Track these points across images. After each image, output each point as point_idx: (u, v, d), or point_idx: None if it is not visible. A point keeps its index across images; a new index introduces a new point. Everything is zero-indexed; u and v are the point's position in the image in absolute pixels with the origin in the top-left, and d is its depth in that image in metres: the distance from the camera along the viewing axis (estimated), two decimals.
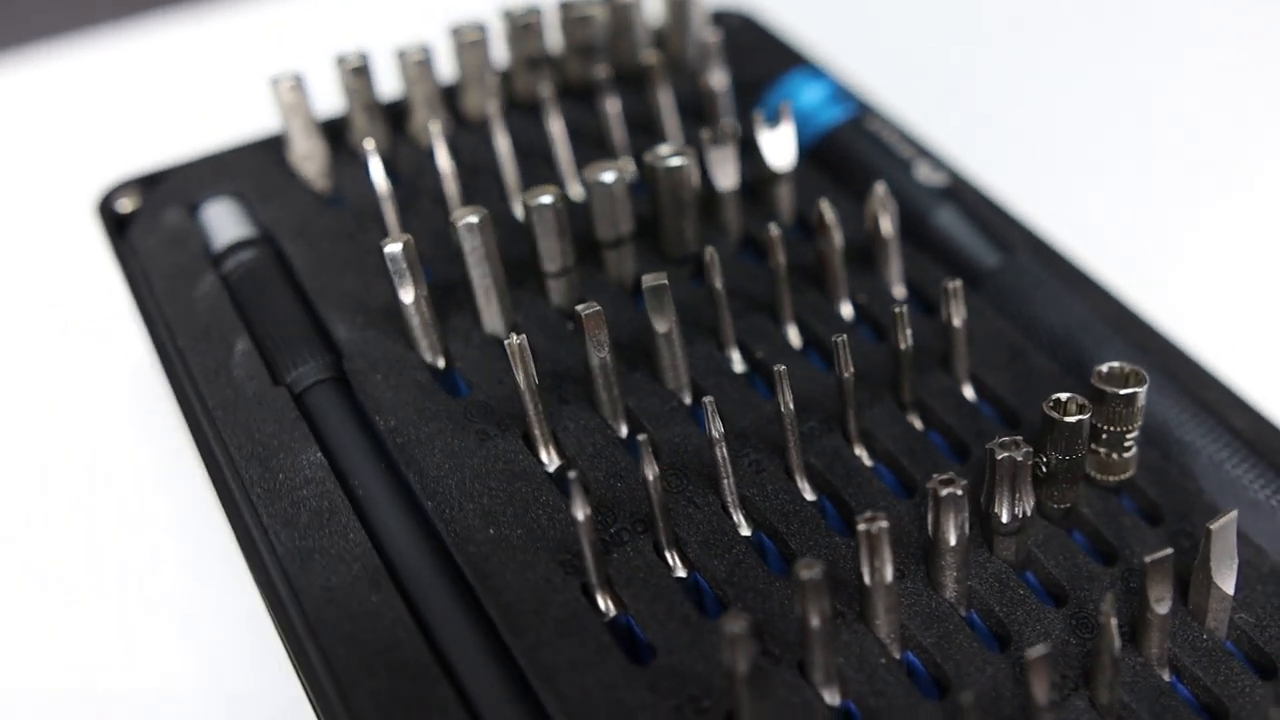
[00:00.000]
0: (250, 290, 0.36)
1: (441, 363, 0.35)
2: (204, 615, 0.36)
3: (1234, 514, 0.30)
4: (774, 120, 0.40)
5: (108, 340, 0.45)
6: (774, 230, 0.35)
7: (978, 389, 0.36)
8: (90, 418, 0.42)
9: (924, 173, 0.41)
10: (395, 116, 0.43)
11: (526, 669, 0.28)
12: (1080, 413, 0.31)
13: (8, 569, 0.37)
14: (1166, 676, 0.30)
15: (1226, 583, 0.30)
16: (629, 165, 0.41)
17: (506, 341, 0.31)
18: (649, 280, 0.33)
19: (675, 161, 0.37)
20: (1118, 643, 0.28)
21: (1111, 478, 0.33)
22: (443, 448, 0.33)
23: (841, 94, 0.45)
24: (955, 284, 0.35)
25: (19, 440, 0.41)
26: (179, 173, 0.40)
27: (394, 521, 0.31)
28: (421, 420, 0.33)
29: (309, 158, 0.40)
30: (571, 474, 0.29)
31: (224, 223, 0.38)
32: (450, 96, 0.43)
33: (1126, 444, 0.32)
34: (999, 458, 0.30)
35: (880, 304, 0.38)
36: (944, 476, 0.29)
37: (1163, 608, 0.29)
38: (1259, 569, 0.32)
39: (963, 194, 0.41)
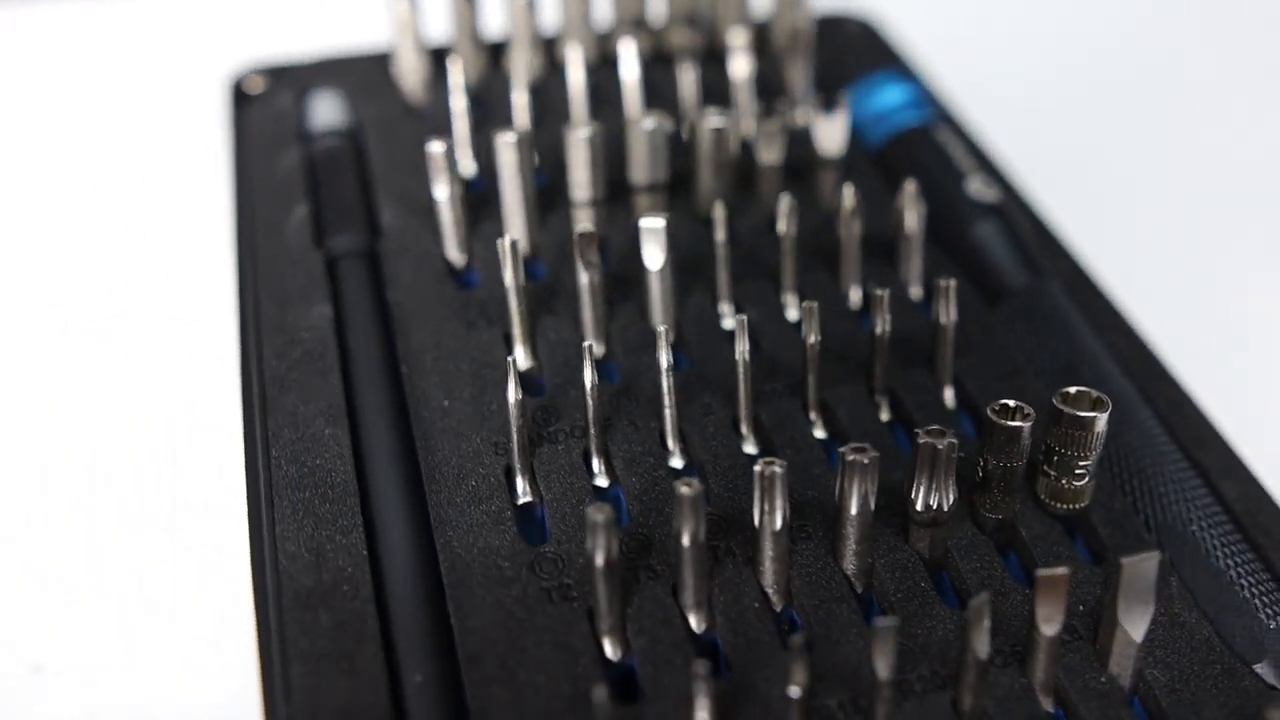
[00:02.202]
0: (325, 168, 0.42)
1: (464, 260, 0.39)
2: (204, 615, 0.36)
3: (1155, 555, 0.28)
4: (830, 107, 0.41)
5: (108, 337, 0.44)
6: (786, 200, 0.37)
7: (961, 395, 0.36)
8: (90, 418, 0.41)
9: (976, 187, 0.41)
10: (496, 53, 0.47)
11: (432, 521, 0.31)
12: (1022, 420, 0.30)
13: (8, 569, 0.36)
14: (1049, 706, 0.29)
15: (1134, 626, 0.28)
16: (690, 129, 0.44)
17: (499, 241, 0.34)
18: (646, 222, 0.36)
19: (716, 122, 0.39)
20: (985, 644, 0.27)
21: (1061, 505, 0.32)
22: (434, 327, 0.36)
23: (924, 101, 0.45)
24: (949, 282, 0.35)
25: (18, 440, 0.41)
26: (300, 68, 0.47)
27: (368, 376, 0.35)
28: (425, 300, 0.37)
29: (411, 72, 0.45)
30: (511, 359, 0.32)
31: (322, 111, 0.44)
32: (550, 46, 0.47)
33: (1078, 472, 0.31)
34: (920, 442, 0.30)
35: (890, 296, 0.38)
36: (857, 445, 0.30)
37: (1050, 629, 0.28)
38: (1193, 635, 0.30)
39: (1013, 214, 0.41)
